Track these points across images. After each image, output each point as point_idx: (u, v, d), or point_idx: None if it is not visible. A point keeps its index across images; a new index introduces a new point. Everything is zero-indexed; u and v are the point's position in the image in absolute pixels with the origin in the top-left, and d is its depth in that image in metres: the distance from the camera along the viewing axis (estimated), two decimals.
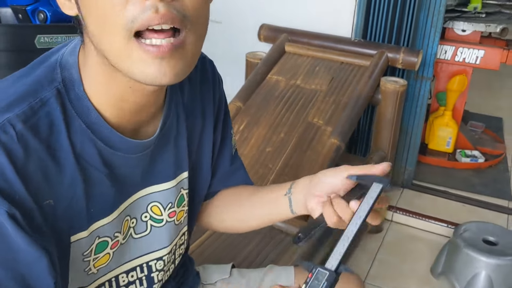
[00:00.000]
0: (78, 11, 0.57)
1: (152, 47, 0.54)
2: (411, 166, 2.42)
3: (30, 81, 0.60)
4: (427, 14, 2.09)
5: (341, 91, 1.93)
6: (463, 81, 2.57)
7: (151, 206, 0.73)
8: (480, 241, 1.84)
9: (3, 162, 0.54)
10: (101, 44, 0.56)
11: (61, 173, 0.59)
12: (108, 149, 0.63)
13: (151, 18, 0.52)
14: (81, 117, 0.61)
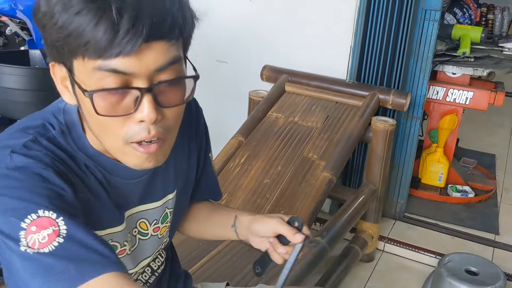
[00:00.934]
0: (78, 104, 0.71)
1: (142, 148, 0.70)
2: (402, 199, 2.57)
3: (39, 123, 0.74)
4: (416, 59, 2.28)
5: (335, 129, 2.10)
6: (454, 120, 2.73)
7: (139, 223, 0.89)
8: (463, 271, 1.96)
9: (46, 158, 0.69)
10: (100, 138, 0.72)
11: (78, 182, 0.75)
12: (108, 175, 0.78)
13: (144, 137, 0.69)
14: (82, 151, 0.76)
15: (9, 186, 0.66)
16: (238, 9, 2.50)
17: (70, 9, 0.62)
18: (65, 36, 0.63)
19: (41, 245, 0.62)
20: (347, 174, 2.49)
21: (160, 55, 0.65)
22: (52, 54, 0.69)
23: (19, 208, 0.64)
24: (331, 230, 1.81)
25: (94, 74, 0.64)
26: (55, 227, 0.63)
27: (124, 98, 0.66)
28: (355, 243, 2.18)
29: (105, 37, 0.61)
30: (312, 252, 1.66)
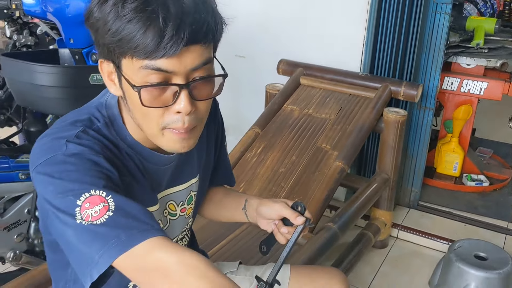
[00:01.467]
0: (123, 96, 0.83)
1: (178, 133, 0.82)
2: (416, 188, 2.64)
3: (85, 116, 0.86)
4: (428, 51, 2.34)
5: (348, 120, 2.18)
6: (468, 110, 2.78)
7: (169, 204, 1.01)
8: (472, 256, 2.03)
9: (96, 146, 0.81)
10: (141, 125, 0.84)
11: (122, 165, 0.86)
12: (145, 162, 0.90)
13: (179, 127, 0.81)
14: (123, 140, 0.88)
15: (67, 170, 0.77)
16: (255, 6, 2.59)
17: (123, 18, 0.73)
18: (117, 40, 0.75)
19: (94, 218, 0.73)
20: (361, 164, 2.58)
21: (196, 57, 0.77)
22: (102, 53, 0.80)
23: (75, 188, 0.75)
24: (343, 216, 1.90)
25: (140, 72, 0.76)
26: (105, 203, 0.74)
27: (165, 92, 0.78)
28: (368, 230, 2.26)
29: (152, 42, 0.73)
30: (324, 236, 1.76)
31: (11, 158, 1.69)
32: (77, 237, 0.73)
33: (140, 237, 0.72)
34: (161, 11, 0.73)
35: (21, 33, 2.26)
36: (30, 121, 1.82)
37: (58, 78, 1.63)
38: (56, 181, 0.76)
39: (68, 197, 0.74)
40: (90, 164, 0.78)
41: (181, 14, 0.74)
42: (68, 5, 1.72)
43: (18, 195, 1.68)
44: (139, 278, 0.73)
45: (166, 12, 0.73)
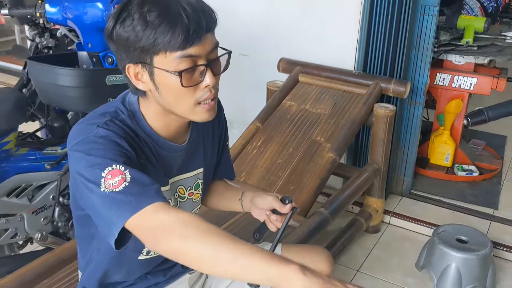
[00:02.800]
0: (155, 88, 1.01)
1: (207, 105, 1.03)
2: (408, 177, 2.82)
3: (113, 109, 1.06)
4: (417, 51, 2.51)
5: (341, 115, 2.37)
6: (459, 104, 2.94)
7: (179, 188, 1.21)
8: (453, 240, 2.22)
9: (120, 132, 1.00)
10: (173, 108, 1.04)
11: (140, 150, 1.06)
12: (158, 148, 1.11)
13: (209, 96, 1.03)
14: (142, 129, 1.08)
15: (96, 148, 0.97)
16: (257, 8, 2.78)
17: (152, 24, 0.94)
18: (152, 42, 0.95)
19: (114, 187, 0.92)
20: (356, 155, 2.77)
21: (211, 41, 1.00)
22: (128, 59, 0.99)
23: (101, 163, 0.95)
24: (334, 202, 2.10)
25: (174, 62, 0.96)
26: (123, 176, 0.94)
27: (194, 74, 1.00)
28: (360, 216, 2.46)
29: (182, 36, 0.94)
30: (315, 220, 1.96)
31: (38, 150, 1.91)
32: (102, 202, 0.93)
33: (147, 202, 0.92)
34: (181, 12, 0.94)
35: (42, 36, 2.46)
36: (53, 117, 2.03)
37: (78, 80, 1.83)
38: (87, 157, 0.96)
39: (95, 169, 0.94)
40: (114, 145, 0.98)
41: (196, 11, 0.96)
42: (86, 13, 1.91)
43: (44, 183, 1.90)
44: (146, 236, 0.92)
45: (185, 12, 0.94)
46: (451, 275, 2.14)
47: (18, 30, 5.48)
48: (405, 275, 2.31)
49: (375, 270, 2.33)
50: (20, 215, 1.84)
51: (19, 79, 2.50)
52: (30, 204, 1.85)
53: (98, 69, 1.92)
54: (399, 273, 2.32)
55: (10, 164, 1.78)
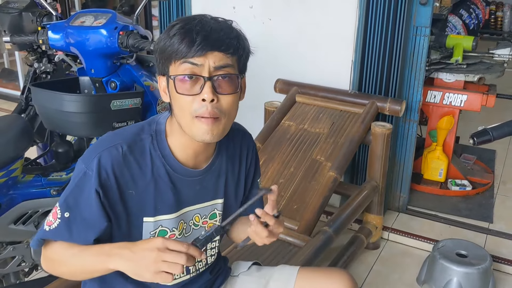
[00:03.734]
0: (170, 100, 1.10)
1: (204, 120, 1.05)
2: (405, 193, 2.87)
3: (139, 127, 1.14)
4: (411, 70, 2.58)
5: (339, 134, 2.42)
6: (451, 121, 3.02)
7: (195, 216, 1.22)
8: (454, 254, 2.26)
9: (109, 164, 1.05)
10: (179, 119, 1.09)
11: (143, 177, 1.10)
12: (172, 171, 1.13)
13: (203, 112, 1.05)
14: (160, 150, 1.12)
15: (74, 184, 1.10)
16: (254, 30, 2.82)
17: (170, 36, 1.04)
18: (168, 51, 1.04)
19: (48, 223, 1.11)
20: (353, 173, 2.81)
21: (218, 59, 1.04)
22: (158, 71, 1.10)
23: (62, 202, 1.11)
24: (337, 221, 2.13)
25: (179, 67, 1.04)
26: (56, 221, 1.10)
27: (194, 85, 1.04)
28: (361, 233, 2.49)
29: (187, 45, 1.02)
30: (320, 239, 1.99)
31: (43, 177, 1.91)
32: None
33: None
34: (195, 28, 1.03)
35: (40, 61, 2.48)
36: (57, 143, 2.03)
37: (84, 105, 1.85)
38: (70, 184, 1.10)
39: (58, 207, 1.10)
40: (85, 193, 1.06)
41: (208, 31, 1.03)
42: (90, 39, 1.94)
43: (50, 209, 1.90)
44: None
45: (197, 29, 1.03)
46: None
47: (6, 53, 5.47)
48: None
49: (378, 286, 2.36)
50: (26, 242, 1.84)
51: (17, 105, 2.50)
52: (36, 230, 1.85)
53: (103, 94, 1.94)
54: None
55: (17, 191, 1.78)
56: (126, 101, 1.94)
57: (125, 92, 1.98)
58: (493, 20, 7.83)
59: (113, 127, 1.92)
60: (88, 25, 1.96)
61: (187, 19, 1.06)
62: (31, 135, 1.88)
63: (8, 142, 1.74)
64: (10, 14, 2.30)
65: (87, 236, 1.08)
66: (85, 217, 1.07)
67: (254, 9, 2.82)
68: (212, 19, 1.07)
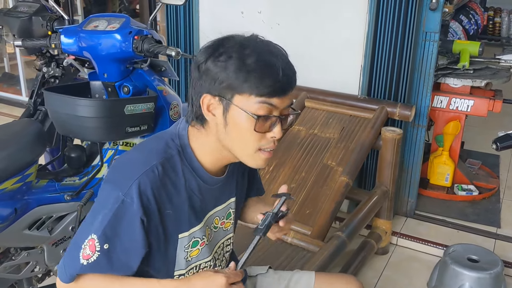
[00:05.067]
0: (223, 124, 1.06)
1: (268, 153, 1.08)
2: (412, 198, 2.87)
3: (163, 143, 1.11)
4: (420, 75, 2.59)
5: (350, 139, 2.42)
6: (457, 126, 3.03)
7: (214, 219, 1.23)
8: (465, 259, 2.26)
9: (148, 189, 1.04)
10: (234, 147, 1.08)
11: (177, 195, 1.10)
12: (202, 183, 1.14)
13: (269, 147, 1.07)
14: (189, 164, 1.12)
15: (107, 213, 1.07)
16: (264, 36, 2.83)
17: (246, 68, 1.00)
18: (242, 83, 1.01)
19: (84, 257, 1.06)
20: (362, 178, 2.81)
21: (290, 98, 1.07)
22: (208, 89, 1.04)
23: (94, 227, 1.07)
24: (349, 226, 2.13)
25: (254, 105, 1.02)
26: (93, 253, 1.06)
27: (266, 122, 1.05)
28: (371, 238, 2.49)
29: (271, 87, 1.01)
30: (334, 244, 1.98)
31: (57, 181, 1.89)
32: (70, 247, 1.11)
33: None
34: (277, 64, 1.01)
35: (49, 66, 2.47)
36: (70, 148, 2.02)
37: (98, 110, 1.84)
38: (98, 207, 1.08)
39: (89, 226, 1.07)
40: (124, 223, 1.04)
41: (285, 67, 1.03)
42: (103, 44, 1.92)
43: (64, 214, 1.88)
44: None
45: (282, 65, 1.02)
46: None
47: (7, 57, 5.45)
48: None
49: None
50: (40, 248, 1.82)
51: (26, 109, 2.49)
52: (50, 236, 1.83)
53: (117, 99, 1.93)
54: None
55: (32, 196, 1.76)
56: (140, 106, 1.93)
57: (138, 96, 1.97)
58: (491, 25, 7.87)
59: (126, 131, 1.92)
60: (102, 29, 1.94)
61: (260, 48, 1.04)
62: (45, 139, 1.86)
63: (23, 147, 1.73)
64: (20, 18, 2.29)
65: (130, 264, 1.07)
66: (127, 246, 1.06)
67: (262, 14, 2.83)
68: (276, 46, 1.07)
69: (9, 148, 1.70)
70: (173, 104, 2.07)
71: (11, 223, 1.69)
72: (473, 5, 6.03)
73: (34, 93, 2.45)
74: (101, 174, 1.99)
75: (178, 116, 2.10)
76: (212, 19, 2.96)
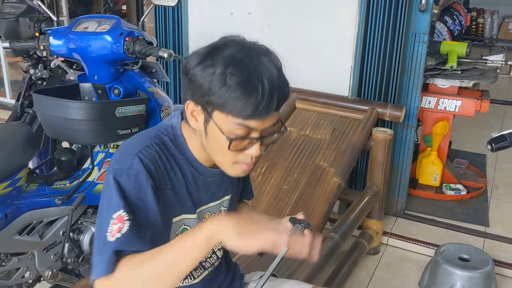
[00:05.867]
0: (204, 133, 1.05)
1: (245, 165, 1.07)
2: (402, 198, 2.89)
3: (156, 131, 1.11)
4: (409, 76, 2.61)
5: (341, 140, 2.43)
6: (445, 126, 3.06)
7: (206, 215, 1.22)
8: (456, 258, 2.28)
9: (148, 161, 1.03)
10: (214, 157, 1.08)
11: (175, 177, 1.09)
12: (196, 173, 1.13)
13: (247, 162, 1.06)
14: (183, 154, 1.11)
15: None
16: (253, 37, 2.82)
17: (229, 87, 0.97)
18: (222, 102, 0.98)
19: (112, 234, 0.99)
20: (352, 179, 2.82)
21: (273, 119, 1.03)
22: (192, 98, 1.03)
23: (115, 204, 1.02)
24: (342, 226, 2.13)
25: (231, 125, 1.00)
26: (122, 225, 0.99)
27: (244, 141, 1.03)
28: (362, 238, 2.50)
29: (250, 109, 0.97)
30: (328, 245, 1.99)
31: (47, 185, 1.86)
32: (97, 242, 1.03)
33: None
34: (259, 86, 0.97)
35: (36, 68, 2.43)
36: (60, 151, 1.99)
37: (89, 112, 1.81)
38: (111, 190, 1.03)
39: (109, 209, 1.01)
40: (137, 187, 1.01)
41: (272, 89, 0.98)
42: (94, 45, 1.90)
43: (54, 219, 1.85)
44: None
45: (263, 88, 0.97)
46: None
47: None
48: None
49: None
50: (31, 253, 1.79)
51: (12, 112, 2.45)
52: (41, 241, 1.80)
53: (108, 101, 1.90)
54: None
55: (22, 201, 1.73)
56: (131, 108, 1.91)
57: (130, 99, 1.95)
58: (474, 26, 7.98)
59: (117, 134, 1.90)
60: (92, 30, 1.92)
61: (246, 66, 0.98)
62: (36, 143, 1.83)
63: (14, 150, 1.70)
64: (7, 19, 2.24)
65: (154, 237, 1.03)
66: (147, 215, 1.02)
67: (252, 15, 2.82)
68: (269, 64, 1.01)
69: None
70: (164, 106, 2.06)
71: (1, 229, 1.66)
72: (457, 6, 6.10)
73: (21, 95, 2.41)
74: (92, 178, 1.97)
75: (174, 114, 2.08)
76: (201, 20, 2.95)
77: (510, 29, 7.80)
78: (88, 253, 1.95)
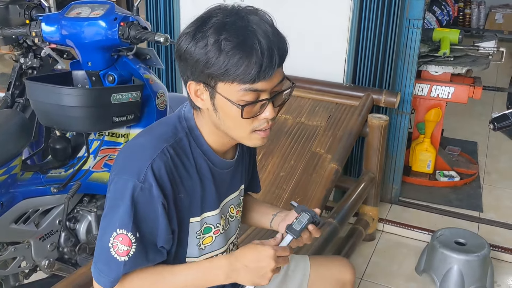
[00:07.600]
0: (213, 109, 1.02)
1: (263, 132, 1.04)
2: (397, 185, 2.90)
3: (172, 127, 1.08)
4: (403, 62, 2.61)
5: (337, 126, 2.42)
6: (438, 113, 3.07)
7: (230, 208, 1.20)
8: (453, 243, 2.30)
9: (163, 171, 1.00)
10: (229, 131, 1.04)
11: (189, 178, 1.07)
12: (213, 166, 1.11)
13: (264, 127, 1.04)
14: (199, 147, 1.08)
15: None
16: None
17: (227, 53, 0.93)
18: (223, 70, 0.94)
19: (118, 253, 1.01)
20: (347, 165, 2.82)
21: (279, 76, 1.01)
22: (192, 77, 1.00)
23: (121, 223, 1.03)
24: (340, 212, 2.13)
25: (238, 93, 0.97)
26: (130, 248, 1.01)
27: (255, 106, 1.00)
28: (359, 225, 2.50)
29: (254, 71, 0.94)
30: (326, 231, 1.98)
31: (42, 174, 1.83)
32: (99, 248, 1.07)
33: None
34: (256, 46, 0.93)
35: (26, 56, 2.38)
36: (54, 139, 1.95)
37: (84, 99, 1.78)
38: (114, 203, 1.03)
39: (112, 223, 1.03)
40: (147, 208, 1.01)
41: (270, 46, 0.95)
42: (87, 31, 1.86)
43: (50, 208, 1.82)
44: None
45: (261, 47, 0.94)
46: (454, 277, 2.21)
47: None
48: (407, 280, 2.36)
49: (378, 277, 2.37)
50: (27, 242, 1.76)
51: (3, 102, 2.40)
52: (37, 230, 1.77)
53: (103, 87, 1.87)
54: (401, 279, 2.37)
55: (17, 189, 1.70)
56: (126, 95, 1.88)
57: (125, 85, 1.91)
58: (462, 16, 8.02)
59: (113, 121, 1.87)
60: (85, 16, 1.88)
61: (238, 28, 0.95)
62: (30, 130, 1.80)
63: (8, 138, 1.66)
64: None
65: (162, 252, 1.06)
66: (154, 233, 1.03)
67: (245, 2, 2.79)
68: (260, 22, 0.98)
69: None
70: (159, 93, 2.03)
71: None
72: None
73: (11, 84, 2.36)
74: (87, 166, 1.94)
75: (165, 105, 2.05)
76: (193, 7, 2.91)
77: (497, 19, 7.86)
78: (85, 242, 1.92)
